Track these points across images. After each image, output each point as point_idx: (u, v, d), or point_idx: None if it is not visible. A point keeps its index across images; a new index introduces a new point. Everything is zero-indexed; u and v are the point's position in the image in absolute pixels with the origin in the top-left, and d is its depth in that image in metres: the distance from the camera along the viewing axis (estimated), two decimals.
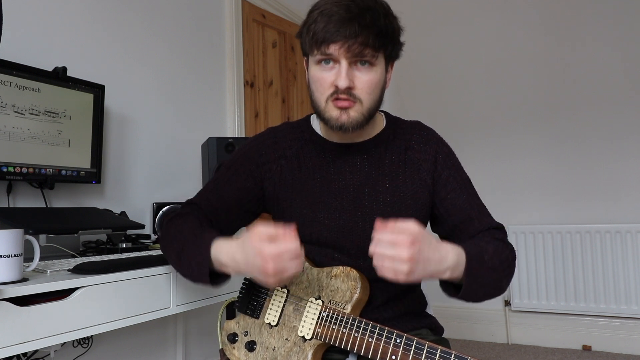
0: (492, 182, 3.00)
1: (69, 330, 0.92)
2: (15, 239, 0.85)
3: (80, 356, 1.59)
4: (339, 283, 0.91)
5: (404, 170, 0.98)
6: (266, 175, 1.01)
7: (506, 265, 0.89)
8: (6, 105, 1.35)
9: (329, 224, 0.97)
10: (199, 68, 2.27)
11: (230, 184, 1.02)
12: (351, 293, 0.89)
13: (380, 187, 0.97)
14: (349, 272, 0.91)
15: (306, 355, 0.89)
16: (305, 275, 0.95)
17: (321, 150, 1.01)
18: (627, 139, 2.67)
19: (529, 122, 2.93)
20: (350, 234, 0.96)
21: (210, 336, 2.18)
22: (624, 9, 2.69)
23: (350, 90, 0.87)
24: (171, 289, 1.15)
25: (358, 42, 0.84)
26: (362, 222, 0.96)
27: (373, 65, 0.88)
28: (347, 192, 0.97)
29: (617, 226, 2.58)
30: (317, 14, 0.86)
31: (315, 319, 0.90)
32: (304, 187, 0.99)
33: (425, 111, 3.24)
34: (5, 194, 1.44)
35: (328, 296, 0.91)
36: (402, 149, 1.00)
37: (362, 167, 0.98)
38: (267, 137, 1.05)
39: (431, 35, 3.24)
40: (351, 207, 0.97)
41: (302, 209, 0.98)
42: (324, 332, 0.89)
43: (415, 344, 0.78)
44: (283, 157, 1.01)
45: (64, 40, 1.67)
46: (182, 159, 2.13)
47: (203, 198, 1.03)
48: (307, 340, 0.90)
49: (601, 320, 2.64)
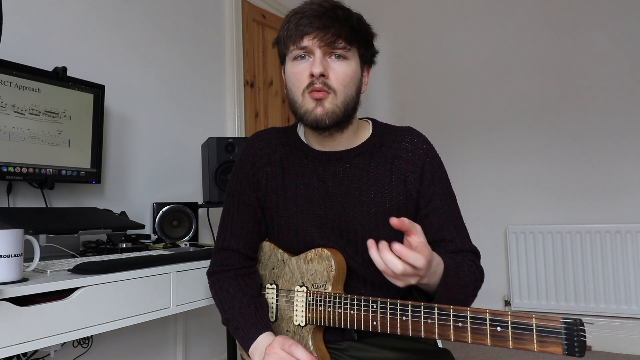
0: (492, 182, 3.00)
1: (69, 330, 0.92)
2: (15, 239, 0.85)
3: (80, 356, 1.59)
4: (315, 266, 0.95)
5: (390, 180, 0.96)
6: (257, 186, 1.02)
7: (474, 286, 0.93)
8: (6, 105, 1.35)
9: (313, 232, 0.97)
10: (199, 68, 2.27)
11: (241, 213, 1.03)
12: (327, 272, 0.93)
13: (364, 197, 0.96)
14: (321, 253, 0.94)
15: (306, 341, 0.93)
16: (287, 266, 0.99)
17: (304, 157, 1.00)
18: (627, 139, 2.67)
19: (529, 121, 2.93)
20: (335, 242, 0.96)
21: (210, 336, 2.18)
22: (624, 8, 2.69)
23: (325, 79, 0.89)
24: (171, 289, 1.15)
25: (331, 33, 0.88)
26: (346, 232, 0.96)
27: (346, 59, 0.91)
28: (331, 201, 0.97)
29: (617, 226, 2.58)
30: (292, 14, 0.92)
31: (304, 305, 0.94)
32: (287, 193, 0.99)
33: (425, 111, 3.24)
34: (5, 194, 1.44)
35: (310, 281, 0.95)
36: (389, 158, 0.98)
37: (345, 176, 0.97)
38: (253, 144, 1.05)
39: (431, 35, 3.24)
40: (335, 216, 0.96)
41: (286, 216, 0.99)
42: (314, 316, 0.92)
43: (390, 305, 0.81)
44: (268, 163, 1.02)
45: (64, 40, 1.68)
46: (182, 159, 2.13)
47: (231, 240, 1.03)
48: (303, 327, 0.94)
49: (601, 320, 2.64)
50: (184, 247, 1.63)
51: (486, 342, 0.68)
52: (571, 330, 0.62)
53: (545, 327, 0.64)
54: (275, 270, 1.01)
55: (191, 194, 2.14)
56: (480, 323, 0.69)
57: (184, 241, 1.76)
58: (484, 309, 0.69)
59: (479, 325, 0.69)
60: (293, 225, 0.98)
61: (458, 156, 3.06)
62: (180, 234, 1.80)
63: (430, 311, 0.75)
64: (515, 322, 0.66)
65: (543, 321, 0.64)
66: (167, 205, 1.79)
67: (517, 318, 0.66)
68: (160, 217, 1.76)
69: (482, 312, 0.69)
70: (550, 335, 0.64)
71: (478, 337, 0.69)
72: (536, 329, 0.65)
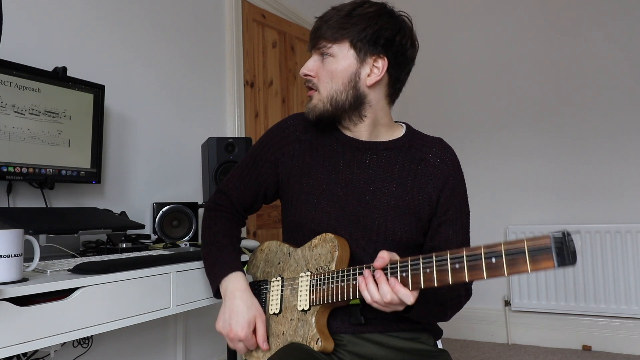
0: (492, 182, 3.00)
1: (69, 330, 0.92)
2: (15, 239, 0.85)
3: (80, 356, 1.59)
4: (319, 250, 0.95)
5: (413, 179, 0.99)
6: (281, 159, 1.05)
7: (457, 302, 0.97)
8: (6, 105, 1.35)
9: (331, 212, 0.98)
10: (199, 68, 2.27)
11: (251, 174, 1.09)
12: (331, 253, 0.93)
13: (386, 188, 0.98)
14: (325, 237, 0.95)
15: (310, 324, 0.92)
16: (292, 257, 1.00)
17: (335, 141, 1.04)
18: (628, 139, 2.67)
19: (529, 121, 2.93)
20: (349, 226, 0.97)
21: (210, 336, 2.18)
22: (624, 8, 2.69)
23: (312, 78, 1.00)
24: (171, 289, 1.15)
25: (316, 36, 0.98)
26: (363, 217, 0.97)
27: (332, 56, 0.97)
28: (353, 186, 0.99)
29: (617, 226, 2.58)
30: None
31: (308, 289, 0.94)
32: (311, 172, 1.02)
33: (426, 111, 3.24)
34: (5, 194, 1.44)
35: (314, 265, 0.95)
36: (417, 159, 1.01)
37: (371, 165, 1.00)
38: (287, 121, 1.10)
39: (433, 36, 3.24)
40: (355, 200, 0.98)
41: (307, 194, 1.01)
42: (318, 297, 0.92)
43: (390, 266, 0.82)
44: (297, 140, 1.05)
45: (64, 40, 1.68)
46: (182, 159, 2.13)
47: (231, 188, 1.11)
48: (307, 311, 0.93)
49: (601, 320, 2.64)
50: (184, 247, 1.63)
51: (482, 275, 0.69)
52: (560, 242, 0.63)
53: (535, 246, 0.65)
54: (281, 264, 1.02)
55: (191, 194, 2.14)
56: (475, 259, 0.70)
57: (184, 241, 1.76)
58: (478, 246, 0.71)
59: (474, 262, 0.70)
60: (313, 202, 1.00)
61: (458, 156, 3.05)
62: (180, 234, 1.80)
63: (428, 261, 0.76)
64: (508, 249, 0.68)
65: (533, 241, 0.66)
66: (167, 205, 1.78)
67: (510, 245, 0.68)
68: (160, 217, 1.76)
69: (477, 249, 0.71)
70: (542, 253, 0.64)
71: (475, 273, 0.70)
72: (528, 250, 0.66)
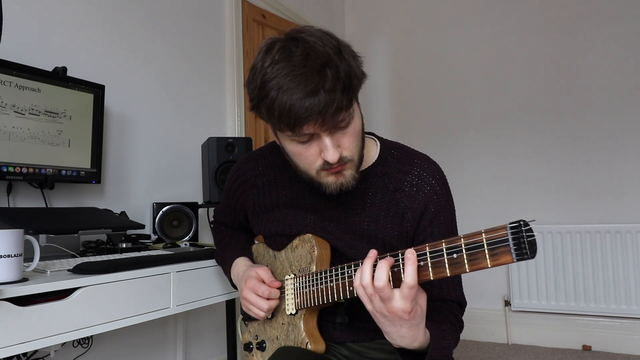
0: (492, 181, 3.00)
1: (69, 330, 0.92)
2: (15, 239, 0.85)
3: (80, 356, 1.59)
4: (300, 251, 0.94)
5: (387, 213, 0.90)
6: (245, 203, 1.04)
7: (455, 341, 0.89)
8: (6, 105, 1.35)
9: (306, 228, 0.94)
10: (199, 68, 2.27)
11: (231, 211, 1.12)
12: (310, 254, 0.91)
13: (357, 227, 0.91)
14: (304, 237, 0.94)
15: (299, 328, 0.92)
16: (277, 260, 1.00)
17: (296, 180, 0.95)
18: (628, 139, 2.67)
19: (529, 122, 2.93)
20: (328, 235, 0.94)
21: (210, 336, 2.18)
22: (624, 7, 2.69)
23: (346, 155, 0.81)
24: (171, 289, 1.15)
25: (332, 111, 0.74)
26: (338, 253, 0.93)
27: (353, 119, 0.81)
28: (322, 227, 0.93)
29: (617, 226, 2.58)
30: (275, 92, 0.74)
31: (293, 292, 0.93)
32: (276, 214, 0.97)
33: (425, 110, 3.24)
34: (5, 194, 1.44)
35: (297, 267, 0.94)
36: (390, 190, 0.90)
37: (340, 203, 0.92)
38: (248, 161, 1.04)
39: (431, 34, 3.24)
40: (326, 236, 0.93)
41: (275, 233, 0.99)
42: (303, 300, 0.90)
43: (354, 267, 0.79)
44: (254, 186, 1.01)
45: (64, 40, 1.68)
46: (182, 159, 2.13)
47: (222, 217, 1.18)
48: (295, 315, 0.93)
49: (601, 320, 2.64)
50: (184, 247, 1.63)
51: (445, 272, 0.66)
52: (518, 234, 0.60)
53: (493, 239, 0.62)
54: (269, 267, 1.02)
55: (191, 194, 2.14)
56: (439, 256, 0.67)
57: (184, 241, 1.76)
58: (439, 241, 0.68)
59: (438, 258, 0.67)
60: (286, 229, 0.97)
61: (458, 156, 3.05)
62: (180, 234, 1.80)
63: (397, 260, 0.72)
64: (467, 243, 0.64)
65: (491, 233, 0.63)
66: (167, 205, 1.78)
67: (469, 238, 0.65)
68: (160, 217, 1.76)
69: (438, 245, 0.68)
70: (500, 246, 0.62)
71: (439, 271, 0.67)
72: (486, 244, 0.63)
